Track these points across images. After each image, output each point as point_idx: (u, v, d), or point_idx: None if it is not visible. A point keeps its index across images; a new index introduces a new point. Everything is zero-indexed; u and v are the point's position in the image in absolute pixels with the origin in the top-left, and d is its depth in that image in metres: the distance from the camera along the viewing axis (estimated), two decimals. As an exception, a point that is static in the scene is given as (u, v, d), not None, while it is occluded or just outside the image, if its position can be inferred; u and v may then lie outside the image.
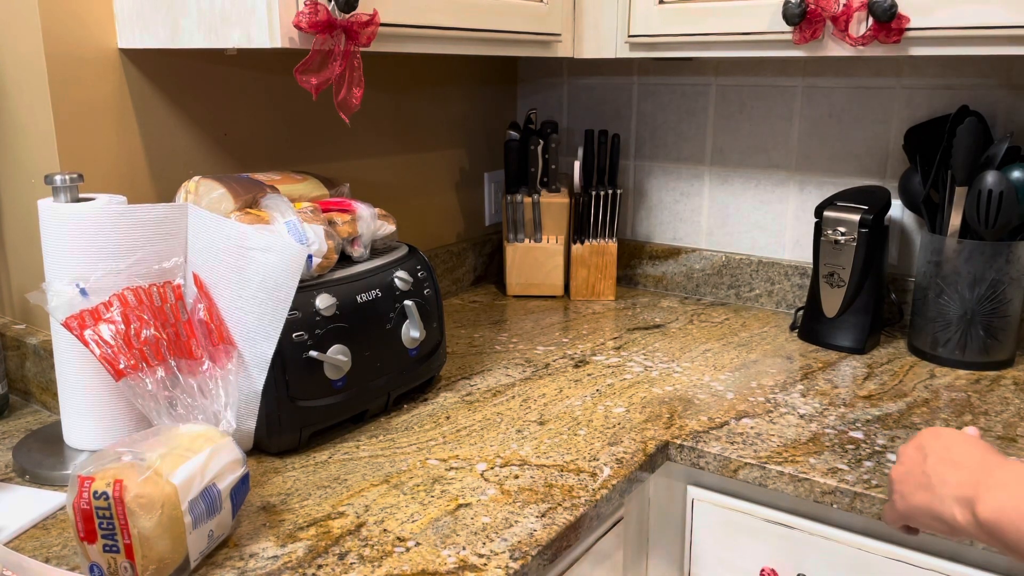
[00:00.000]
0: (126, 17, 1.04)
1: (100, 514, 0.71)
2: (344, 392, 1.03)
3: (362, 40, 0.95)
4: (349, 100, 0.96)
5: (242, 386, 0.96)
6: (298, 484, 0.94)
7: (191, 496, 0.75)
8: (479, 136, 1.76)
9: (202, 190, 1.00)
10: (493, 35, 1.20)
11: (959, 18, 1.06)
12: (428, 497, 0.91)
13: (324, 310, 1.00)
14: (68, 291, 0.86)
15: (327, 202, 1.11)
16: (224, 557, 0.80)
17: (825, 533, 0.99)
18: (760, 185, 1.61)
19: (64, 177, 0.90)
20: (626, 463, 0.99)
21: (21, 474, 0.95)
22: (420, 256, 1.18)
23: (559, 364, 1.31)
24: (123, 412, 0.94)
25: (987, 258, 1.25)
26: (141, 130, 1.12)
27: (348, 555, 0.80)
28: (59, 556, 0.80)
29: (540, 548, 0.82)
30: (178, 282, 0.94)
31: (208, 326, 0.93)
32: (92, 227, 0.89)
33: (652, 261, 1.74)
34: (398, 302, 1.10)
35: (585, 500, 0.90)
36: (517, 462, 0.99)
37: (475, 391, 1.20)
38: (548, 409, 1.14)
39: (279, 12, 0.89)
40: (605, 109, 1.77)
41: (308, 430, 1.01)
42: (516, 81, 1.86)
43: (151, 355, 0.86)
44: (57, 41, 1.01)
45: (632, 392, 1.19)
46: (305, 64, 0.92)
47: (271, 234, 0.95)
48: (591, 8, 1.36)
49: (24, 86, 1.04)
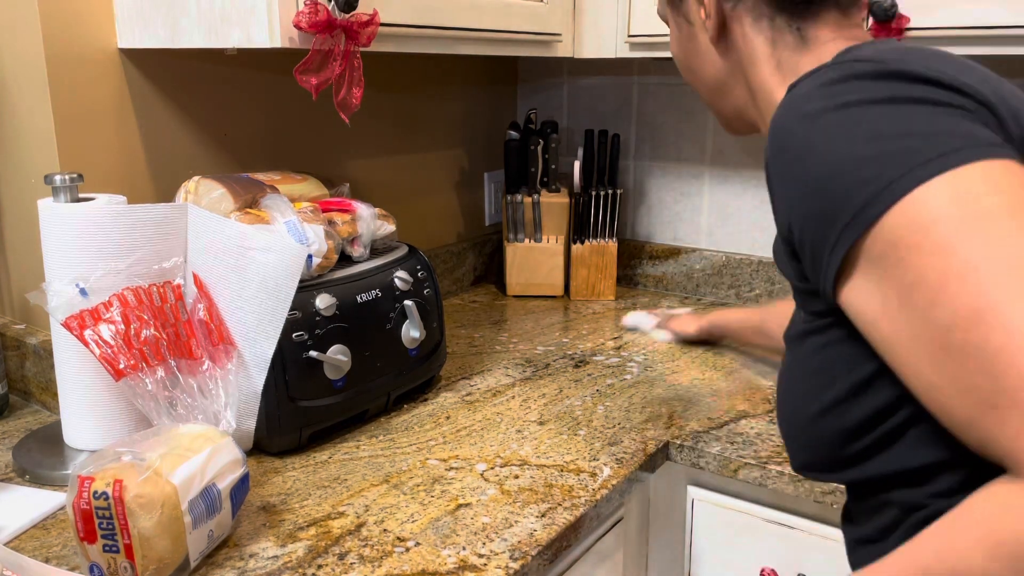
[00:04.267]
0: (126, 17, 1.04)
1: (100, 514, 0.71)
2: (344, 392, 1.03)
3: (362, 40, 0.94)
4: (349, 100, 0.96)
5: (242, 386, 0.96)
6: (298, 484, 0.94)
7: (191, 496, 0.75)
8: (479, 136, 1.76)
9: (202, 190, 1.00)
10: (493, 35, 1.20)
11: (959, 18, 1.06)
12: (428, 497, 0.91)
13: (324, 310, 1.00)
14: (68, 291, 0.86)
15: (327, 202, 1.11)
16: (224, 557, 0.80)
17: (825, 533, 0.99)
18: (760, 185, 1.61)
19: (64, 177, 0.90)
20: (626, 463, 0.99)
21: (21, 474, 0.95)
22: (420, 256, 1.18)
23: (559, 364, 1.31)
24: (123, 412, 0.94)
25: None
26: (141, 130, 1.12)
27: (348, 555, 0.80)
28: (59, 556, 0.80)
29: (540, 548, 0.82)
30: (178, 282, 0.94)
31: (208, 326, 0.93)
32: (92, 227, 0.89)
33: (652, 261, 1.74)
34: (398, 302, 1.10)
35: (585, 500, 0.90)
36: (517, 462, 0.99)
37: (475, 391, 1.20)
38: (548, 409, 1.14)
39: (279, 12, 0.89)
40: (605, 109, 1.77)
41: (308, 430, 1.01)
42: (516, 81, 1.86)
43: (151, 355, 0.86)
44: (57, 41, 1.01)
45: (632, 392, 1.19)
46: (305, 64, 0.92)
47: (271, 234, 0.95)
48: (591, 8, 1.35)
49: (24, 86, 1.04)
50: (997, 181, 0.51)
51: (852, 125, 0.54)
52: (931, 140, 0.52)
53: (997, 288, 0.48)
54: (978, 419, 0.51)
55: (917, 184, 0.51)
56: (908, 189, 0.51)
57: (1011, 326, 0.48)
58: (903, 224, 0.51)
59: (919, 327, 0.52)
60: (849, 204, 0.53)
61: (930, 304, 0.51)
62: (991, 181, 0.51)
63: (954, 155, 0.51)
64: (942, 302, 0.50)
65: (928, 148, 0.52)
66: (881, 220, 0.52)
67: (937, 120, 0.53)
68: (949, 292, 0.50)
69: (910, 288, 0.52)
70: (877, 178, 0.52)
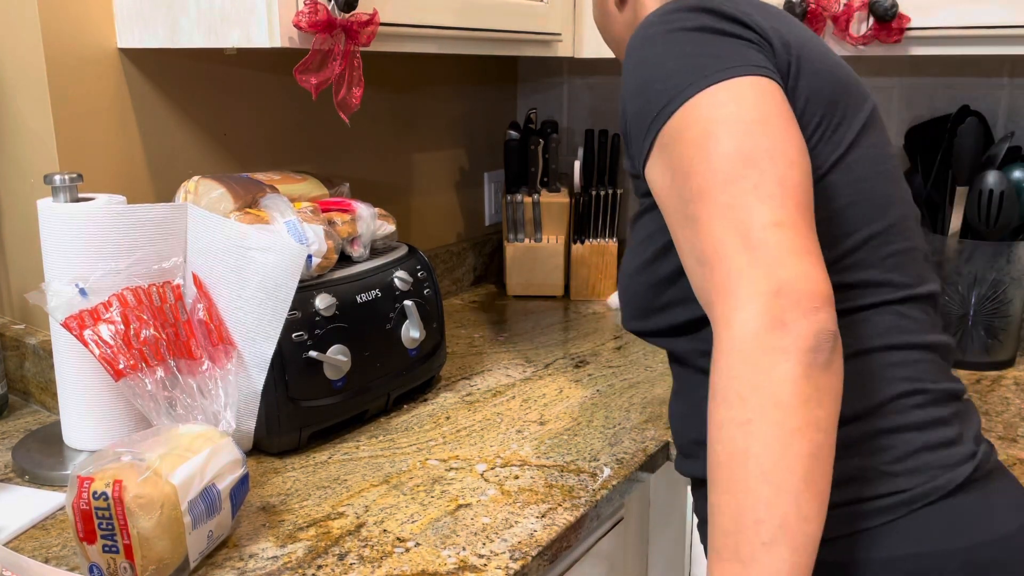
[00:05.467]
0: (125, 17, 1.04)
1: (99, 514, 0.71)
2: (344, 392, 1.03)
3: (362, 40, 0.94)
4: (349, 100, 0.96)
5: (242, 386, 0.96)
6: (298, 484, 0.94)
7: (190, 496, 0.75)
8: (479, 136, 1.76)
9: (202, 190, 1.00)
10: (493, 35, 1.20)
11: (960, 18, 1.06)
12: (428, 497, 0.91)
13: (324, 310, 1.00)
14: (67, 291, 0.86)
15: (327, 202, 1.11)
16: (224, 557, 0.80)
17: (826, 533, 0.99)
18: (760, 185, 1.61)
19: (63, 177, 0.90)
20: (626, 463, 0.98)
21: (21, 474, 0.95)
22: (420, 256, 1.18)
23: (559, 364, 1.30)
24: (123, 412, 0.94)
25: (988, 258, 1.25)
26: (141, 130, 1.12)
27: (348, 555, 0.80)
28: (59, 556, 0.80)
29: (540, 548, 0.82)
30: (178, 282, 0.94)
31: (208, 326, 0.93)
32: (91, 227, 0.89)
33: (652, 261, 1.74)
34: (398, 302, 1.10)
35: (585, 500, 0.90)
36: (517, 462, 0.99)
37: (475, 391, 1.20)
38: (548, 409, 1.14)
39: (279, 12, 0.89)
40: (605, 109, 1.77)
41: (308, 430, 1.01)
42: (516, 81, 1.86)
43: (151, 355, 0.86)
44: (57, 41, 1.01)
45: (632, 392, 1.19)
46: (305, 64, 0.92)
47: (271, 234, 0.95)
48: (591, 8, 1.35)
49: (24, 86, 1.04)
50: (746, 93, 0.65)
51: (671, 44, 0.70)
52: (717, 60, 0.67)
53: (715, 175, 0.62)
54: (696, 275, 0.64)
55: (698, 91, 0.65)
56: (692, 95, 0.65)
57: (716, 203, 0.61)
58: (682, 120, 0.66)
59: (676, 200, 0.66)
60: (657, 103, 0.67)
61: (682, 183, 0.65)
62: (742, 92, 0.65)
63: (728, 71, 0.66)
64: (688, 182, 0.64)
65: (713, 65, 0.66)
66: (673, 116, 0.66)
67: (725, 46, 0.68)
68: (691, 174, 0.64)
69: (674, 169, 0.66)
70: (676, 86, 0.67)
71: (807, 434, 0.57)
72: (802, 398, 0.57)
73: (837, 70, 0.75)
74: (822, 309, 0.58)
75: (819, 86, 0.72)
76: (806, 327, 0.57)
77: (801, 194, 0.62)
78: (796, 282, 0.58)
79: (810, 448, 0.57)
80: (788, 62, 0.71)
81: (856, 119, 0.74)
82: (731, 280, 0.59)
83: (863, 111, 0.75)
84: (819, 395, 0.57)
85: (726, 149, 0.62)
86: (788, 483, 0.56)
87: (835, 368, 0.59)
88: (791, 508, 0.56)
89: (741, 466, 0.57)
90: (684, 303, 0.77)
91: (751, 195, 0.61)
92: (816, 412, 0.57)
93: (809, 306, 0.57)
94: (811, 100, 0.71)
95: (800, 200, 0.62)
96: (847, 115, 0.73)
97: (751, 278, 0.58)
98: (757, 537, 0.57)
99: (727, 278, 0.60)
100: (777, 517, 0.56)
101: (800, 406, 0.57)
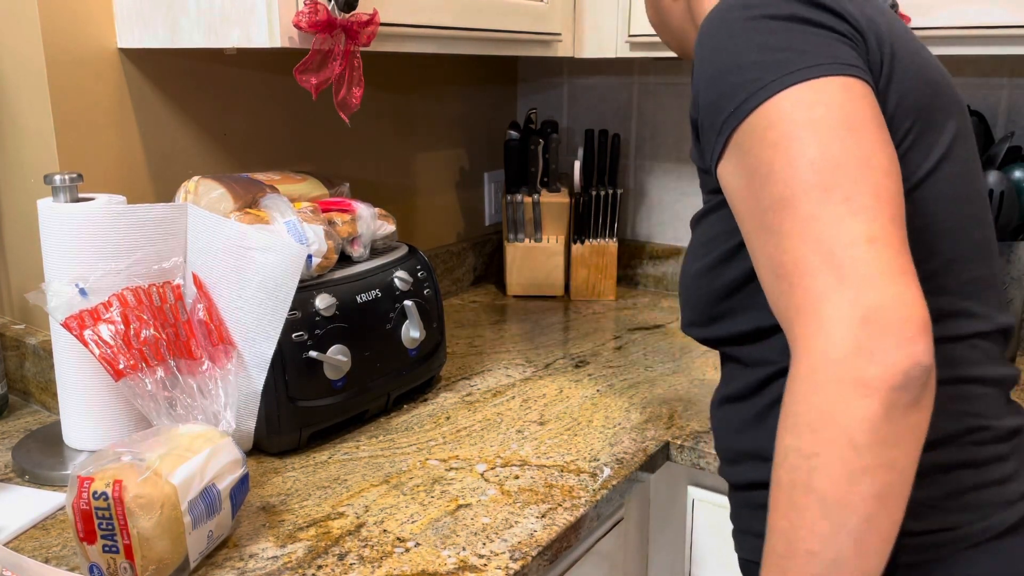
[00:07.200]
0: (126, 17, 1.04)
1: (99, 514, 0.71)
2: (344, 392, 1.03)
3: (362, 40, 0.94)
4: (349, 100, 0.96)
5: (242, 386, 0.96)
6: (298, 484, 0.94)
7: (190, 496, 0.75)
8: (479, 136, 1.76)
9: (202, 190, 1.00)
10: (493, 35, 1.20)
11: (960, 18, 1.06)
12: (428, 497, 0.91)
13: (324, 310, 1.00)
14: (68, 291, 0.86)
15: (327, 202, 1.11)
16: (224, 557, 0.80)
17: (826, 533, 0.98)
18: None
19: (63, 177, 0.90)
20: (626, 463, 0.98)
21: (21, 474, 0.95)
22: (420, 256, 1.18)
23: (559, 364, 1.31)
24: (123, 412, 0.94)
25: (988, 258, 1.25)
26: (141, 130, 1.12)
27: (348, 555, 0.80)
28: (59, 556, 0.80)
29: (540, 549, 0.82)
30: (178, 282, 0.94)
31: (208, 326, 0.93)
32: (91, 227, 0.89)
33: (652, 261, 1.74)
34: (398, 302, 1.10)
35: (585, 500, 0.90)
36: (517, 462, 0.99)
37: (475, 391, 1.20)
38: (548, 409, 1.14)
39: (279, 12, 0.89)
40: (605, 109, 1.77)
41: (308, 430, 1.01)
42: (516, 81, 1.86)
43: (151, 355, 0.86)
44: (57, 41, 1.01)
45: (632, 392, 1.19)
46: (305, 64, 0.92)
47: (271, 234, 0.95)
48: (591, 8, 1.35)
49: (24, 86, 1.04)
50: (835, 95, 0.59)
51: (752, 33, 0.63)
52: (804, 56, 0.61)
53: (800, 183, 0.57)
54: (773, 289, 0.59)
55: (781, 89, 0.60)
56: (774, 92, 0.60)
57: (800, 213, 0.56)
58: (761, 119, 0.60)
59: (753, 206, 0.61)
60: (734, 98, 0.62)
61: (760, 188, 0.60)
62: (831, 94, 0.59)
63: (816, 68, 0.60)
64: (767, 188, 0.59)
65: (799, 61, 0.60)
66: (752, 114, 0.61)
67: (814, 40, 0.62)
68: (772, 180, 0.59)
69: (752, 172, 0.61)
70: (756, 80, 0.61)
71: (877, 475, 0.52)
72: (878, 439, 0.52)
73: (928, 70, 0.68)
74: (918, 339, 0.52)
75: (911, 88, 0.66)
76: (897, 361, 0.52)
77: (896, 207, 0.57)
78: (889, 307, 0.52)
79: (878, 489, 0.53)
80: (881, 60, 0.65)
81: (947, 128, 0.67)
82: (814, 301, 0.54)
83: (954, 119, 0.68)
84: (898, 436, 0.52)
85: (813, 155, 0.57)
86: (849, 523, 0.53)
87: (924, 404, 0.53)
88: (847, 547, 0.53)
89: (801, 496, 0.54)
90: (751, 310, 0.72)
91: (842, 206, 0.55)
92: (891, 452, 0.53)
93: (903, 335, 0.52)
94: (901, 104, 0.65)
95: (895, 213, 0.56)
96: (938, 123, 0.67)
97: (837, 301, 0.53)
98: (808, 567, 0.55)
99: (809, 298, 0.55)
100: (831, 552, 0.54)
101: (875, 446, 0.52)
